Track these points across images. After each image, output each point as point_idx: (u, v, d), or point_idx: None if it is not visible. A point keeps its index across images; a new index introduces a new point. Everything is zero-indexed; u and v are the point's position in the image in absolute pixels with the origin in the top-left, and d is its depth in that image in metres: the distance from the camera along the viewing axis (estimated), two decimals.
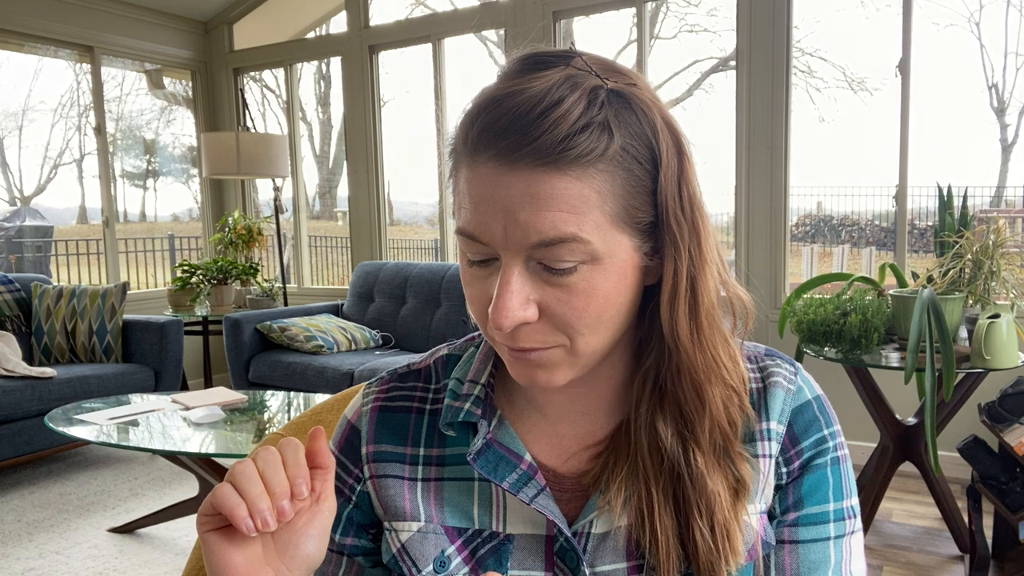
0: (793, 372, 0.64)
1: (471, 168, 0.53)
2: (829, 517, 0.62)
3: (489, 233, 0.52)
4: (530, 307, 0.53)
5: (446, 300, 4.06)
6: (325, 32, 5.22)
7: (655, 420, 0.59)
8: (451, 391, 0.64)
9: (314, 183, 11.28)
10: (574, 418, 0.63)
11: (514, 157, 0.50)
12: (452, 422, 0.62)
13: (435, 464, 0.64)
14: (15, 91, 9.48)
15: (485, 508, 0.61)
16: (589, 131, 0.50)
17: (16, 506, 3.07)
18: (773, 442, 0.61)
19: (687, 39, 9.26)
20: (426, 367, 0.69)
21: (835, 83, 10.21)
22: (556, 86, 0.51)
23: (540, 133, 0.49)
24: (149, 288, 7.27)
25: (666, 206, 0.53)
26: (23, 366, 3.45)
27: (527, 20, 4.00)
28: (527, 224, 0.51)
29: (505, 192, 0.51)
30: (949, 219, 2.47)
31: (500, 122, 0.51)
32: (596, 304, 0.53)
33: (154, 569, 2.50)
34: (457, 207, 0.56)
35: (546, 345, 0.55)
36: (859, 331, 2.31)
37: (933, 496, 2.53)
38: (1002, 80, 9.35)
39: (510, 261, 0.52)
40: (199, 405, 2.72)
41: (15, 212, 9.50)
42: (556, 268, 0.52)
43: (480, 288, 0.56)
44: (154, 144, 8.34)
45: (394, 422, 0.66)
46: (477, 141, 0.52)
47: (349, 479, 0.66)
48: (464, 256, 0.56)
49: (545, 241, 0.51)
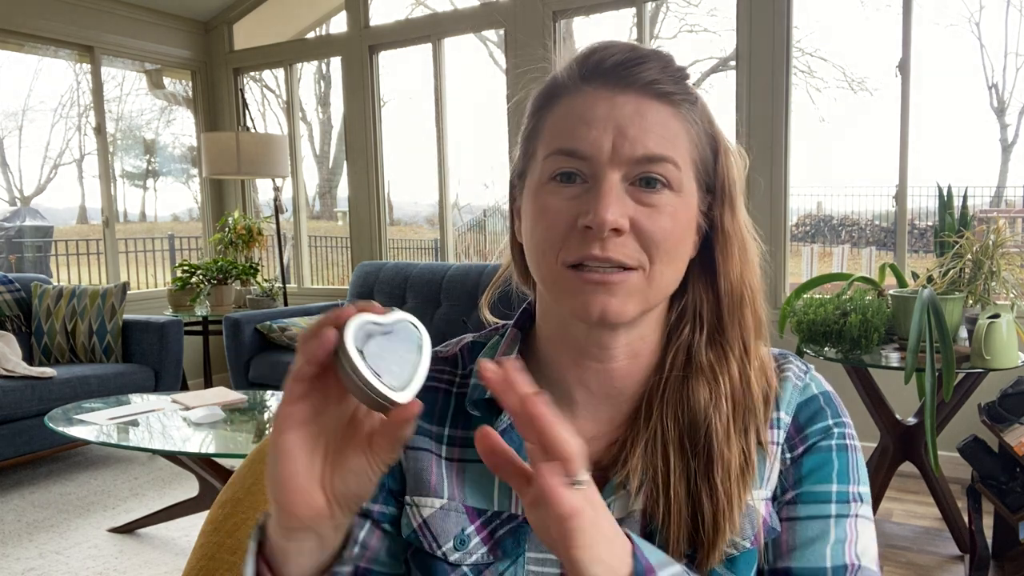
0: (804, 370, 0.67)
1: (577, 94, 0.60)
2: (831, 497, 0.62)
3: (596, 146, 0.57)
4: (624, 218, 0.57)
5: (446, 300, 4.06)
6: (325, 32, 5.22)
7: (691, 384, 0.62)
8: (477, 372, 0.66)
9: (314, 183, 11.29)
10: (598, 403, 0.65)
11: (626, 83, 0.58)
12: (478, 399, 0.65)
13: (459, 445, 0.65)
14: (15, 91, 9.49)
15: (505, 490, 0.63)
16: (686, 82, 0.60)
17: (16, 506, 3.07)
18: (780, 430, 0.63)
19: (687, 39, 9.26)
20: (453, 354, 0.71)
21: (835, 83, 10.22)
22: (643, 48, 0.60)
23: (647, 68, 0.58)
24: (149, 288, 7.27)
25: (726, 174, 0.63)
26: (23, 366, 3.45)
27: (527, 20, 4.00)
28: (636, 138, 0.57)
29: (617, 110, 0.58)
30: (949, 219, 2.48)
31: (613, 58, 0.59)
32: (677, 231, 0.59)
33: (154, 569, 2.51)
34: (548, 138, 0.60)
35: (630, 260, 0.58)
36: (859, 331, 2.31)
37: (933, 496, 2.53)
38: (1002, 80, 9.36)
39: (609, 174, 0.57)
40: (199, 405, 2.72)
41: (15, 212, 9.50)
42: (651, 181, 0.58)
43: (564, 208, 0.58)
44: (154, 144, 8.34)
45: (425, 399, 0.66)
46: (590, 72, 0.59)
47: None
48: (545, 185, 0.60)
49: (649, 156, 0.57)
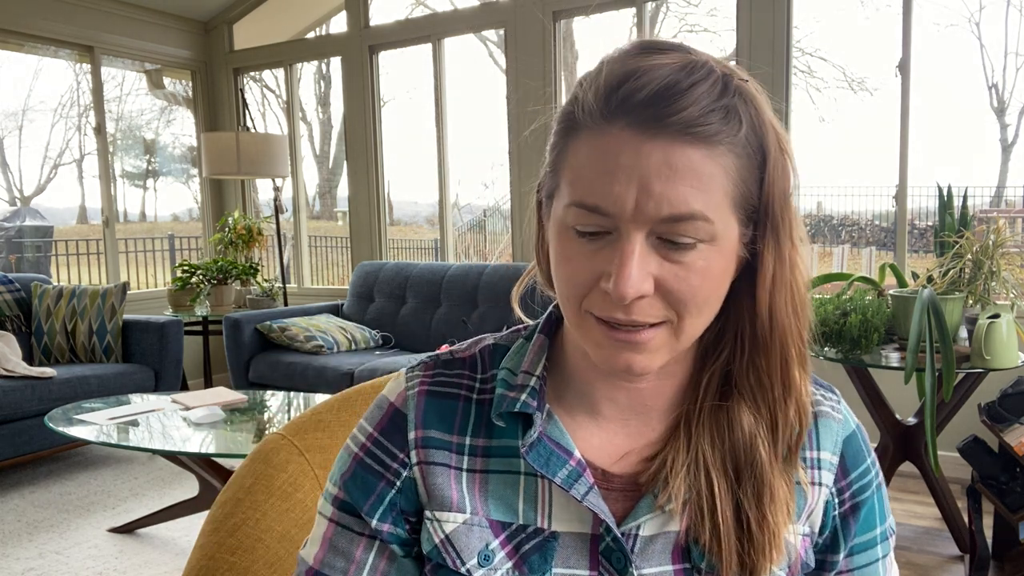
0: (836, 400, 0.67)
1: (600, 135, 0.52)
2: (877, 540, 0.66)
3: (618, 203, 0.51)
4: (649, 280, 0.53)
5: (446, 300, 4.06)
6: (325, 32, 5.22)
7: (733, 410, 0.59)
8: (503, 381, 0.63)
9: (314, 183, 11.29)
10: (628, 418, 0.63)
11: (657, 126, 0.50)
12: (505, 412, 0.61)
13: (481, 455, 0.62)
14: (15, 91, 9.50)
15: (531, 503, 0.60)
16: (725, 112, 0.52)
17: (16, 506, 3.07)
18: (825, 471, 0.63)
19: (687, 39, 9.24)
20: (471, 356, 0.67)
21: (835, 83, 10.21)
22: (692, 66, 0.52)
23: (685, 105, 0.50)
24: (149, 288, 7.27)
25: (772, 196, 0.55)
26: (23, 366, 3.45)
27: (527, 20, 4.00)
28: (661, 196, 0.51)
29: (643, 161, 0.51)
30: (949, 219, 2.47)
31: (645, 91, 0.51)
32: (709, 284, 0.54)
33: (154, 569, 2.50)
34: (570, 178, 0.54)
35: (657, 319, 0.54)
36: (859, 331, 2.31)
37: (933, 496, 2.53)
38: (1002, 80, 9.35)
39: (633, 233, 0.52)
40: (199, 405, 2.72)
41: (15, 212, 9.50)
42: (678, 243, 0.52)
43: (586, 263, 0.54)
44: (154, 144, 8.34)
45: (442, 408, 0.63)
46: (617, 108, 0.52)
47: (394, 464, 0.63)
48: (567, 231, 0.55)
49: (675, 215, 0.51)
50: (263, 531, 0.87)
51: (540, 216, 0.62)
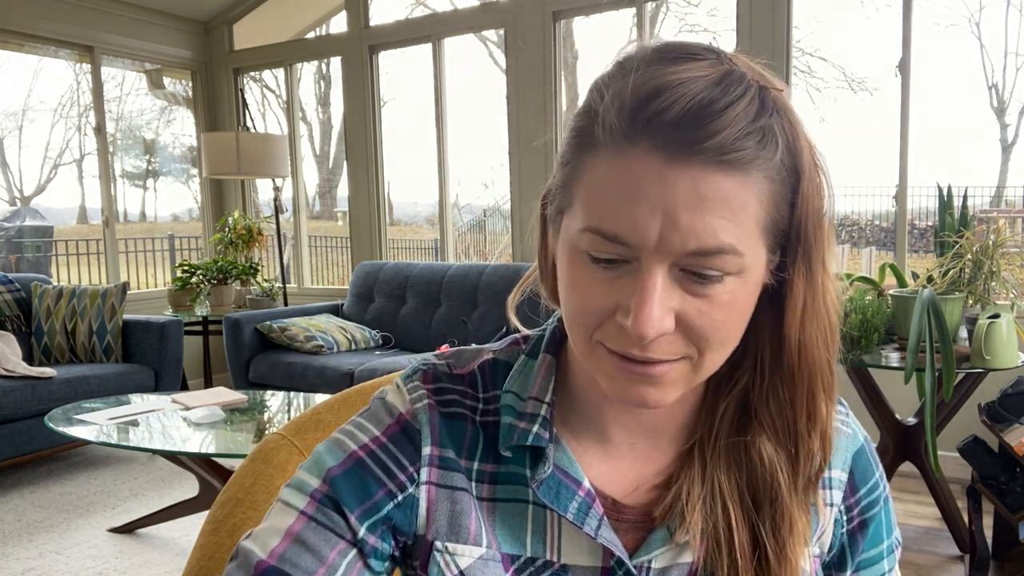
0: (845, 413, 0.64)
1: (622, 156, 0.47)
2: (884, 554, 0.65)
3: (640, 235, 0.46)
4: (670, 316, 0.48)
5: (446, 300, 4.05)
6: (325, 32, 5.22)
7: (753, 442, 0.56)
8: (509, 408, 0.58)
9: (314, 183, 11.29)
10: (636, 441, 0.60)
11: (688, 152, 0.45)
12: (516, 445, 0.57)
13: (488, 482, 0.58)
14: (15, 91, 9.49)
15: (539, 535, 0.57)
16: (761, 135, 0.47)
17: (16, 506, 3.07)
18: (835, 491, 0.61)
19: (687, 39, 9.25)
20: (470, 372, 0.61)
21: (835, 83, 10.21)
22: (728, 80, 0.47)
23: (720, 129, 0.45)
24: (149, 288, 7.27)
25: (805, 220, 0.50)
26: (23, 366, 3.45)
27: (527, 20, 4.00)
28: (688, 228, 0.46)
29: (669, 189, 0.45)
30: (949, 219, 2.47)
31: (675, 110, 0.45)
32: (734, 318, 0.50)
33: (154, 569, 2.50)
34: (586, 199, 0.49)
35: (676, 356, 0.50)
36: (859, 331, 2.31)
37: (933, 496, 2.53)
38: (1002, 80, 9.35)
39: (654, 266, 0.47)
40: (199, 405, 2.72)
41: (15, 212, 9.49)
42: (705, 277, 0.48)
43: (602, 293, 0.49)
44: (154, 144, 8.34)
45: (453, 429, 0.59)
46: (643, 128, 0.46)
47: (401, 475, 0.57)
48: (581, 255, 0.50)
49: (703, 250, 0.46)
50: None
51: (545, 228, 0.57)
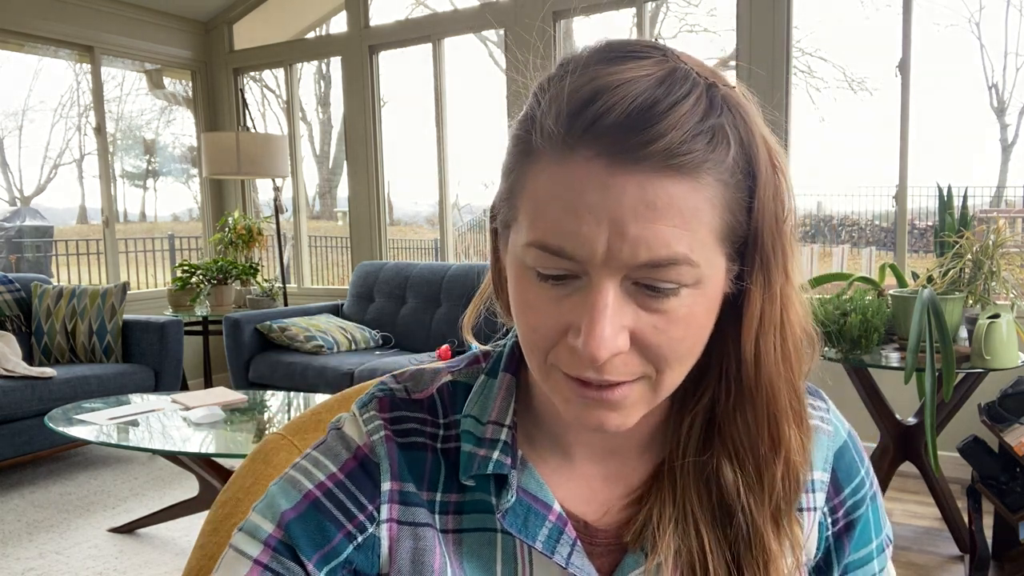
0: (825, 409, 0.61)
1: (563, 164, 0.44)
2: (873, 554, 0.62)
3: (585, 247, 0.43)
4: (624, 334, 0.45)
5: (446, 300, 4.06)
6: (325, 32, 5.22)
7: (716, 464, 0.53)
8: (469, 434, 0.55)
9: (314, 183, 11.29)
10: (603, 459, 0.57)
11: (632, 157, 0.42)
12: (478, 474, 0.53)
13: (452, 512, 0.55)
14: (15, 91, 9.49)
15: (510, 566, 0.54)
16: (711, 135, 0.44)
17: (16, 506, 3.07)
18: (818, 493, 0.58)
19: (687, 39, 9.25)
20: (429, 397, 0.57)
21: (835, 83, 10.20)
22: (672, 79, 0.44)
23: (665, 131, 0.42)
24: (149, 288, 7.27)
25: (762, 225, 0.47)
26: (23, 366, 3.45)
27: (527, 20, 4.00)
28: (637, 239, 0.43)
29: (614, 198, 0.42)
30: (949, 219, 2.47)
31: (616, 113, 0.42)
32: (692, 333, 0.47)
33: (154, 569, 2.50)
34: (530, 211, 0.46)
35: (633, 376, 0.47)
36: (859, 331, 2.31)
37: (933, 496, 2.53)
38: (1002, 80, 9.35)
39: (604, 281, 0.44)
40: (199, 405, 2.72)
41: (15, 212, 9.49)
42: (659, 290, 0.45)
43: (551, 312, 0.46)
44: (154, 144, 8.35)
45: (412, 460, 0.55)
46: (582, 134, 0.43)
47: (360, 515, 0.53)
48: (528, 272, 0.47)
49: (655, 261, 0.43)
50: None
51: (496, 244, 0.54)
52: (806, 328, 0.52)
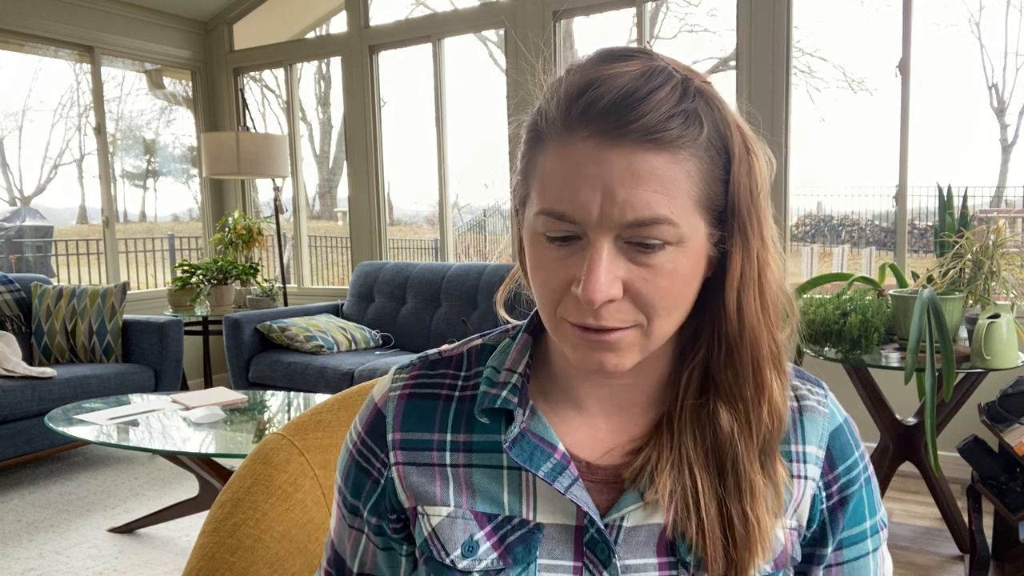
0: (823, 395, 0.67)
1: (564, 145, 0.54)
2: (867, 534, 0.67)
3: (584, 211, 0.53)
4: (617, 284, 0.54)
5: (446, 300, 4.06)
6: (325, 32, 5.22)
7: (712, 408, 0.60)
8: (487, 379, 0.65)
9: (314, 183, 11.29)
10: (610, 412, 0.65)
11: (617, 134, 0.52)
12: (488, 408, 0.63)
13: (463, 450, 0.64)
14: (15, 91, 9.49)
15: (516, 495, 0.62)
16: (685, 116, 0.53)
17: (16, 506, 3.07)
18: (811, 465, 0.64)
19: (687, 39, 9.26)
20: (458, 355, 0.69)
21: (835, 83, 10.21)
22: (652, 72, 0.53)
23: (645, 112, 0.51)
24: (149, 288, 7.27)
25: (738, 196, 0.56)
26: (23, 366, 3.45)
27: (527, 20, 4.00)
28: (624, 202, 0.52)
29: (605, 169, 0.52)
30: (949, 219, 2.48)
31: (604, 100, 0.52)
32: (677, 285, 0.56)
33: (154, 569, 2.51)
34: (539, 187, 0.56)
35: (626, 324, 0.56)
36: (859, 331, 2.31)
37: (933, 496, 2.53)
38: (1002, 80, 9.36)
39: (600, 239, 0.53)
40: (199, 405, 2.72)
41: (15, 212, 9.49)
42: (646, 246, 0.54)
43: (558, 269, 0.56)
44: (154, 144, 8.34)
45: (421, 409, 0.66)
46: (578, 118, 0.53)
47: (376, 463, 0.66)
48: (539, 237, 0.57)
49: (640, 220, 0.52)
50: (263, 531, 0.87)
51: (516, 216, 0.64)
52: (782, 286, 0.60)
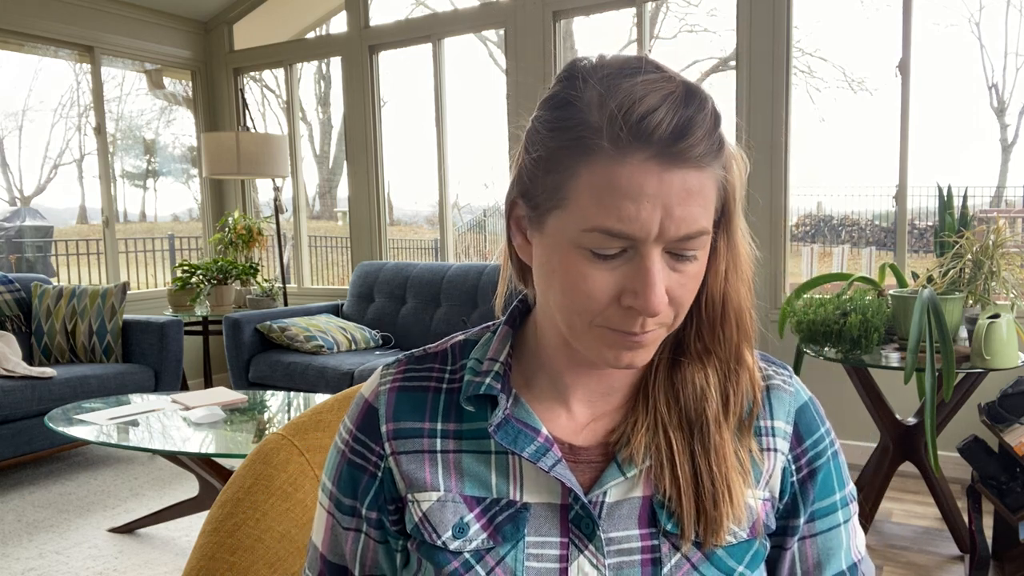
0: (788, 376, 0.72)
1: (622, 164, 0.55)
2: (838, 506, 0.70)
3: (644, 230, 0.56)
4: (664, 293, 0.58)
5: (446, 300, 4.06)
6: (325, 32, 5.22)
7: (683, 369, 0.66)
8: (470, 369, 0.68)
9: (314, 183, 11.30)
10: (594, 399, 0.68)
11: (678, 159, 0.55)
12: (472, 395, 0.66)
13: (452, 437, 0.67)
14: (15, 91, 9.49)
15: (503, 477, 0.65)
16: (719, 142, 0.58)
17: (16, 506, 3.07)
18: (779, 439, 0.68)
19: (687, 39, 9.26)
20: (443, 350, 0.72)
21: (835, 83, 10.21)
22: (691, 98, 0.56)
23: (697, 141, 0.56)
24: (149, 288, 7.27)
25: (730, 198, 0.62)
26: (23, 366, 3.45)
27: (527, 20, 4.00)
28: (681, 219, 0.56)
29: (665, 189, 0.55)
30: (949, 219, 2.48)
31: (664, 126, 0.55)
32: (697, 285, 0.61)
33: (154, 569, 2.51)
34: (587, 202, 0.56)
35: (662, 325, 0.61)
36: (859, 331, 2.31)
37: (933, 496, 2.53)
38: (1002, 80, 9.36)
39: (652, 251, 0.57)
40: (199, 405, 2.72)
41: (15, 212, 9.49)
42: (684, 256, 0.58)
43: (606, 280, 0.58)
44: (154, 144, 8.34)
45: (412, 400, 0.69)
46: (643, 140, 0.55)
47: (372, 456, 0.68)
48: (582, 251, 0.58)
49: (689, 234, 0.57)
50: (263, 531, 0.87)
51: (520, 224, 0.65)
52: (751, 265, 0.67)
